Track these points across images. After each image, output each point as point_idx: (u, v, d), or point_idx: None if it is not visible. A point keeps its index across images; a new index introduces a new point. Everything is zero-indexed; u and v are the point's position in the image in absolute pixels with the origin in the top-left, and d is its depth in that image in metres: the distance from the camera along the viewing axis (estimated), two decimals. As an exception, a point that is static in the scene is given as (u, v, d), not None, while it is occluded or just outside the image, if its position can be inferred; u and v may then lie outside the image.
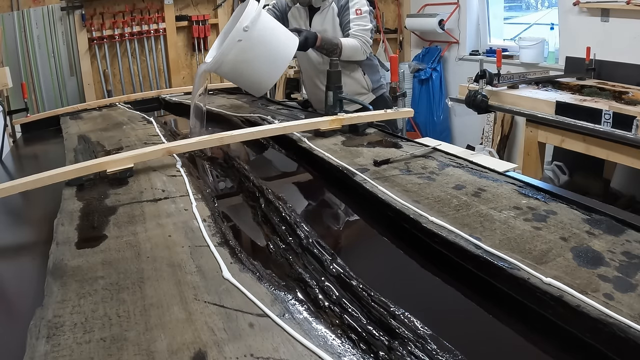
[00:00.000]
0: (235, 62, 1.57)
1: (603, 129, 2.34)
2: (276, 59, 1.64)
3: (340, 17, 2.03)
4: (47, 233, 0.96)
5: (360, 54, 2.02)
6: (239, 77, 1.71)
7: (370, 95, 2.21)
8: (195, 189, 1.13)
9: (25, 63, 3.50)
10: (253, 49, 1.56)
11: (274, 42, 1.63)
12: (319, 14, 2.06)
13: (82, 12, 3.53)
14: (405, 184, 1.11)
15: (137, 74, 3.77)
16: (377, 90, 2.24)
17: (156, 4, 3.70)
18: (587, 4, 3.24)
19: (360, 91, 2.19)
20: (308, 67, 2.24)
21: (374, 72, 2.25)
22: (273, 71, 1.67)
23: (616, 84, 2.80)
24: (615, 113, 2.31)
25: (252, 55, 1.57)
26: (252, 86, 1.76)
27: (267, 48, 1.60)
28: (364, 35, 2.00)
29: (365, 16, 2.01)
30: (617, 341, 0.59)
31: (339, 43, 1.95)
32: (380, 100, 2.24)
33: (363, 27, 2.00)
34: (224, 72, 1.68)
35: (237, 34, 1.50)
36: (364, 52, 2.03)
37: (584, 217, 0.90)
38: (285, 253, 0.88)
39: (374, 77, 2.23)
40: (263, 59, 1.60)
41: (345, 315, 0.67)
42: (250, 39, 1.53)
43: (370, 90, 2.21)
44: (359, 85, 2.19)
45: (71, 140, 1.80)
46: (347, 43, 1.97)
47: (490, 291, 0.76)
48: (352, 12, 2.00)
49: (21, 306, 0.85)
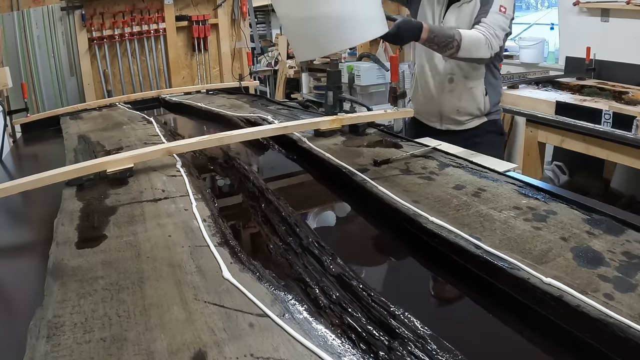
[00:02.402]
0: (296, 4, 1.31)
1: (603, 129, 2.34)
2: (344, 28, 1.29)
3: (479, 12, 1.63)
4: (47, 233, 0.96)
5: (483, 50, 1.56)
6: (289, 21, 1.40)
7: (482, 118, 1.82)
8: (195, 189, 1.13)
9: (25, 63, 3.50)
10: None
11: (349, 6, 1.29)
12: (457, 7, 1.68)
13: (82, 12, 3.53)
14: (405, 184, 1.11)
15: (137, 74, 3.77)
16: (492, 113, 1.83)
17: (156, 4, 3.70)
18: (587, 4, 3.24)
19: (473, 112, 1.80)
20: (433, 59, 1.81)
21: (497, 93, 1.83)
22: (335, 37, 1.31)
23: (616, 84, 2.80)
24: (615, 113, 2.31)
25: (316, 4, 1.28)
26: (301, 40, 1.43)
27: (344, 8, 1.28)
28: (494, 28, 1.56)
29: (508, 17, 1.61)
30: (617, 341, 0.59)
31: (454, 35, 1.50)
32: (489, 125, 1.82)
33: (500, 23, 1.57)
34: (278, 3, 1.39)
35: None
36: (489, 48, 1.56)
37: (584, 217, 0.90)
38: (285, 253, 0.88)
39: (494, 100, 1.82)
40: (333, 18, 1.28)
41: (345, 315, 0.67)
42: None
43: (486, 112, 1.81)
44: (475, 105, 1.78)
45: (71, 140, 1.80)
46: (468, 34, 1.52)
47: (490, 291, 0.76)
48: (495, 6, 1.59)
49: (21, 306, 0.85)
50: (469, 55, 1.57)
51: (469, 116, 1.80)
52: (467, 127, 1.82)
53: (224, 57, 4.01)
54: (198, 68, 3.95)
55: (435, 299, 0.85)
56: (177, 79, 3.85)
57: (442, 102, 1.81)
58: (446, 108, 1.81)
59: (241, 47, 4.07)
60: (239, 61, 4.10)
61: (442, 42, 1.50)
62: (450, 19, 1.67)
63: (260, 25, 8.36)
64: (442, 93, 1.80)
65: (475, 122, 1.80)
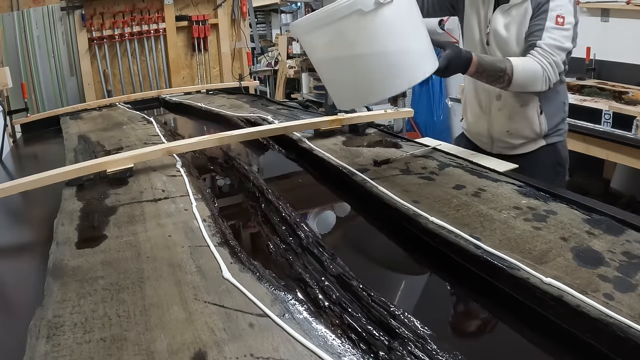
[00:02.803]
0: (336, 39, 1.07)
1: (603, 129, 2.35)
2: (393, 68, 1.07)
3: (532, 19, 1.36)
4: (47, 233, 0.96)
5: (539, 84, 1.32)
6: (329, 64, 1.15)
7: (539, 142, 1.52)
8: (195, 189, 1.13)
9: (25, 63, 3.50)
10: (370, 36, 1.04)
11: (403, 42, 1.07)
12: (505, 10, 1.41)
13: (82, 12, 3.52)
14: (405, 184, 1.11)
15: (137, 74, 3.77)
16: (551, 136, 1.52)
17: (156, 4, 3.69)
18: (587, 4, 3.24)
19: (527, 135, 1.51)
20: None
21: (557, 109, 1.51)
22: (380, 82, 1.08)
23: (616, 84, 2.80)
24: (615, 113, 2.31)
25: (364, 42, 1.05)
26: (341, 88, 1.18)
27: (389, 46, 1.05)
28: (554, 54, 1.30)
29: (568, 29, 1.32)
30: (617, 341, 0.59)
31: (506, 68, 1.27)
32: (546, 153, 1.52)
33: (558, 43, 1.31)
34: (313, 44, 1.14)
35: (364, 2, 1.00)
36: (546, 82, 1.32)
37: (584, 217, 0.90)
38: (285, 253, 0.88)
39: (555, 118, 1.51)
40: (375, 57, 1.06)
41: (345, 315, 0.67)
42: (374, 19, 1.01)
43: (543, 135, 1.51)
44: (528, 126, 1.50)
45: (71, 140, 1.80)
46: (521, 67, 1.29)
47: (490, 291, 0.76)
48: (551, 17, 1.32)
49: (21, 306, 0.85)
50: (522, 90, 1.37)
51: (522, 139, 1.52)
52: (520, 152, 1.53)
53: (224, 57, 4.01)
54: (198, 68, 3.95)
55: (435, 299, 0.85)
56: (177, 79, 3.85)
57: (491, 122, 1.57)
58: (496, 129, 1.56)
59: (241, 47, 4.07)
60: (239, 61, 4.10)
61: (491, 77, 1.29)
62: (497, 23, 1.42)
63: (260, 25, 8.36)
64: (489, 112, 1.56)
65: (529, 146, 1.52)
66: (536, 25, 1.34)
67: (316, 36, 1.10)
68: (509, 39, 1.41)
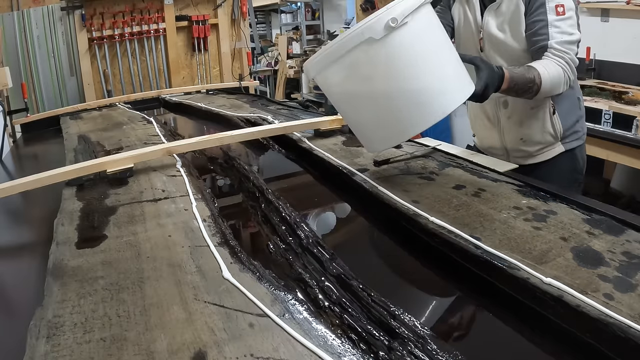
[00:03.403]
0: (351, 74, 0.97)
1: (603, 129, 2.35)
2: (420, 100, 0.95)
3: (528, 15, 1.26)
4: (47, 233, 0.96)
5: (562, 86, 1.23)
6: (349, 102, 1.05)
7: (557, 147, 1.41)
8: (195, 189, 1.13)
9: (25, 63, 3.50)
10: (387, 66, 0.93)
11: (427, 69, 0.95)
12: (494, 10, 1.32)
13: (82, 12, 3.52)
14: (405, 184, 1.11)
15: (137, 74, 3.77)
16: (569, 139, 1.40)
17: (156, 4, 3.69)
18: (587, 4, 3.24)
19: (543, 140, 1.40)
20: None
21: (571, 106, 1.41)
22: (407, 118, 0.97)
23: (616, 84, 2.81)
24: (615, 113, 2.31)
25: (382, 74, 0.94)
26: (366, 129, 1.07)
27: (411, 75, 0.94)
28: (568, 52, 1.21)
29: (570, 16, 1.23)
30: (617, 341, 0.59)
31: (534, 77, 1.16)
32: (564, 160, 1.41)
33: (568, 37, 1.21)
34: (328, 84, 1.04)
35: (372, 28, 0.90)
36: (567, 83, 1.23)
37: (584, 217, 0.90)
38: (285, 253, 0.88)
39: (570, 117, 1.40)
40: (397, 91, 0.94)
41: (345, 315, 0.67)
42: (389, 47, 0.91)
43: (560, 137, 1.40)
44: (542, 128, 1.38)
45: (71, 140, 1.80)
46: (546, 73, 1.17)
47: (490, 291, 0.76)
48: (550, 9, 1.22)
49: (21, 306, 0.85)
50: (547, 95, 1.25)
51: (538, 145, 1.41)
52: (540, 161, 1.42)
53: (224, 57, 4.01)
54: (198, 68, 3.95)
55: (435, 299, 0.85)
56: (177, 79, 3.85)
57: (502, 132, 1.46)
58: (508, 138, 1.45)
59: (241, 47, 4.07)
60: (239, 61, 4.10)
61: (521, 89, 1.16)
62: (490, 25, 1.34)
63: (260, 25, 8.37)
64: (498, 122, 1.46)
65: (548, 152, 1.41)
66: (538, 23, 1.23)
67: (330, 74, 1.00)
68: (506, 39, 1.32)
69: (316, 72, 1.02)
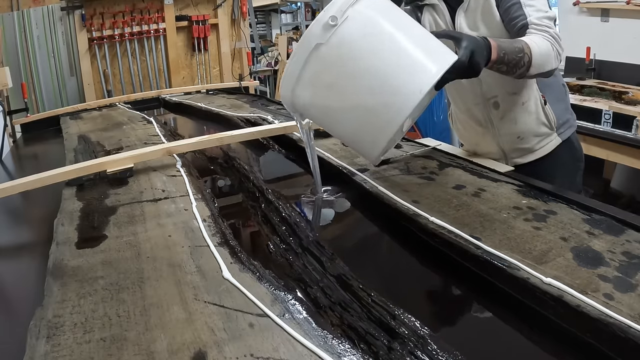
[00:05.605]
0: (316, 87, 0.93)
1: (603, 129, 2.35)
2: (393, 85, 0.87)
3: (500, 4, 1.20)
4: (47, 233, 0.96)
5: (553, 60, 1.16)
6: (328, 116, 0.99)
7: (555, 139, 1.36)
8: (195, 189, 1.13)
9: (25, 63, 3.50)
10: (347, 62, 0.89)
11: (394, 54, 0.89)
12: (464, 10, 1.26)
13: (82, 12, 3.52)
14: (405, 184, 1.11)
15: (137, 74, 3.77)
16: (562, 128, 1.37)
17: (156, 4, 3.69)
18: (587, 4, 3.24)
19: (539, 131, 1.35)
20: (461, 90, 1.39)
21: (559, 93, 1.38)
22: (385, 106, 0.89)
23: (616, 84, 2.81)
24: (615, 113, 2.31)
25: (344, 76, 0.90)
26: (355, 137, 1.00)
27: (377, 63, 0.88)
28: (549, 26, 1.17)
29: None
30: (617, 341, 0.59)
31: (523, 47, 1.08)
32: (564, 150, 1.38)
33: (544, 14, 1.18)
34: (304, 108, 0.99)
35: (315, 33, 0.87)
36: (557, 56, 1.17)
37: (584, 217, 0.90)
38: (285, 253, 0.88)
39: (559, 106, 1.36)
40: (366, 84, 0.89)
41: (345, 315, 0.67)
42: (342, 44, 0.87)
43: (555, 128, 1.36)
44: (537, 120, 1.34)
45: (71, 140, 1.80)
46: (534, 42, 1.11)
47: (490, 291, 0.76)
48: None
49: (21, 306, 0.85)
50: (540, 71, 1.15)
51: (535, 138, 1.37)
52: (540, 156, 1.38)
53: (224, 57, 4.01)
54: (198, 68, 3.95)
55: (435, 298, 0.85)
56: (177, 79, 3.85)
57: (497, 133, 1.39)
58: (505, 139, 1.38)
59: (241, 47, 4.07)
60: (239, 61, 4.10)
61: (512, 60, 1.07)
62: (462, 26, 1.28)
63: (260, 25, 8.37)
64: (492, 124, 1.38)
65: (547, 145, 1.37)
66: (512, 7, 1.18)
67: (298, 97, 0.96)
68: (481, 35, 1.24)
69: (289, 102, 0.98)
